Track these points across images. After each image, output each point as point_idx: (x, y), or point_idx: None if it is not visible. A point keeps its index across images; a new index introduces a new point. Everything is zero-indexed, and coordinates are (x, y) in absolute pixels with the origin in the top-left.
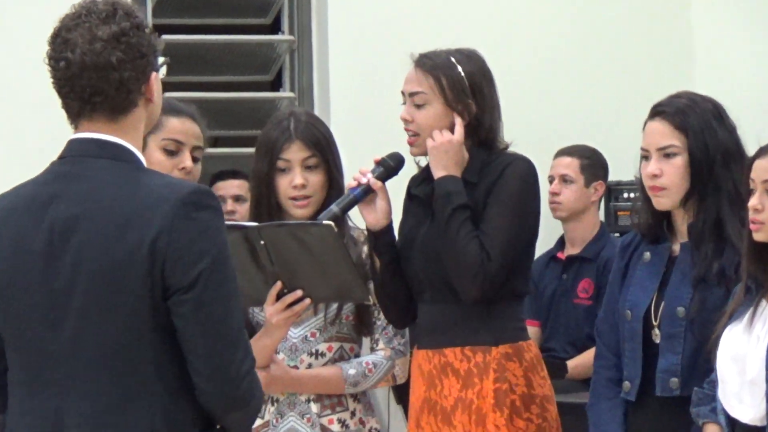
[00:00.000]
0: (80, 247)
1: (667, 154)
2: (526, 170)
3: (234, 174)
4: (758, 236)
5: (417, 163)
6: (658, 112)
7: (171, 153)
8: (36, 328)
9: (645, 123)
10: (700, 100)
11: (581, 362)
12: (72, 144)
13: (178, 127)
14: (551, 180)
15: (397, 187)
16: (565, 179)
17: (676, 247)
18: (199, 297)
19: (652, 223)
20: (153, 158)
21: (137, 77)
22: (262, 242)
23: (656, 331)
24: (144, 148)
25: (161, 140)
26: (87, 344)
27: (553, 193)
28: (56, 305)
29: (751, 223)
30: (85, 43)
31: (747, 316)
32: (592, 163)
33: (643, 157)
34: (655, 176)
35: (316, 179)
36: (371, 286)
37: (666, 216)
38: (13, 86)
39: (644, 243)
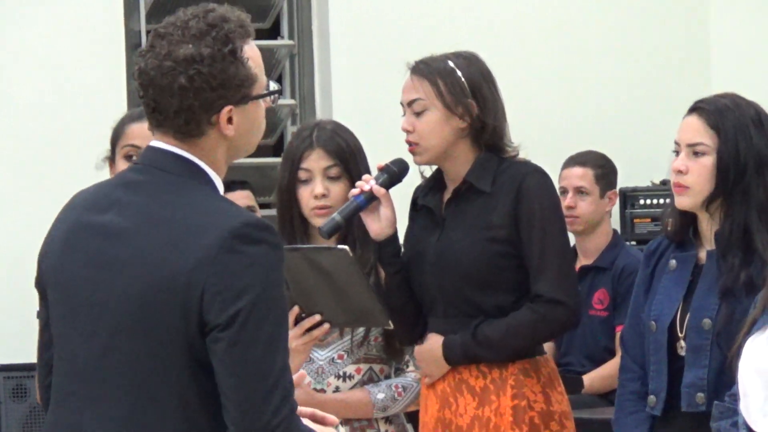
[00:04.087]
0: (122, 262)
1: (696, 151)
2: (547, 186)
3: (243, 184)
4: None
5: (422, 173)
6: (696, 107)
7: (132, 160)
8: (71, 336)
9: (683, 117)
10: (744, 104)
11: (598, 376)
12: (147, 151)
13: (137, 132)
14: (563, 191)
15: (403, 197)
16: (580, 191)
17: (703, 255)
18: (235, 337)
19: (678, 227)
20: (118, 169)
21: (202, 107)
22: None
23: (681, 343)
24: (114, 161)
25: (122, 148)
26: (114, 364)
27: (569, 207)
28: (91, 317)
29: None
30: (159, 58)
31: None
32: (605, 172)
33: (675, 152)
34: (680, 172)
35: (337, 189)
36: None
37: (693, 221)
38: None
39: (670, 250)
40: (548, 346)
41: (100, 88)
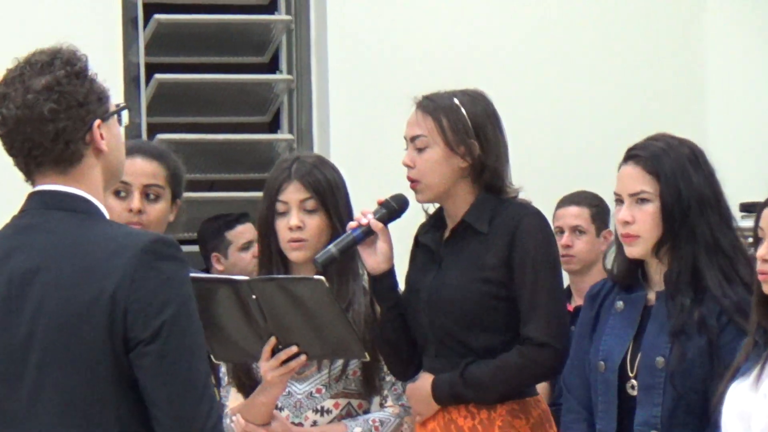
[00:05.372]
0: (39, 299)
1: (639, 199)
2: (543, 228)
3: (245, 217)
4: None
5: (425, 211)
6: (631, 155)
7: (121, 196)
8: None
9: (619, 166)
10: (677, 144)
11: None
12: (31, 198)
13: (126, 168)
14: (559, 231)
15: (405, 234)
16: (576, 230)
17: (652, 296)
18: (162, 349)
19: (626, 271)
20: (107, 204)
21: (75, 126)
22: (253, 296)
23: (632, 382)
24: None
25: None
26: (46, 400)
27: (566, 246)
28: (14, 360)
29: (760, 274)
30: (19, 97)
31: (755, 372)
32: (600, 211)
33: (617, 201)
34: (626, 223)
35: (313, 222)
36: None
37: (640, 264)
38: None
39: (614, 292)
40: (543, 386)
41: None
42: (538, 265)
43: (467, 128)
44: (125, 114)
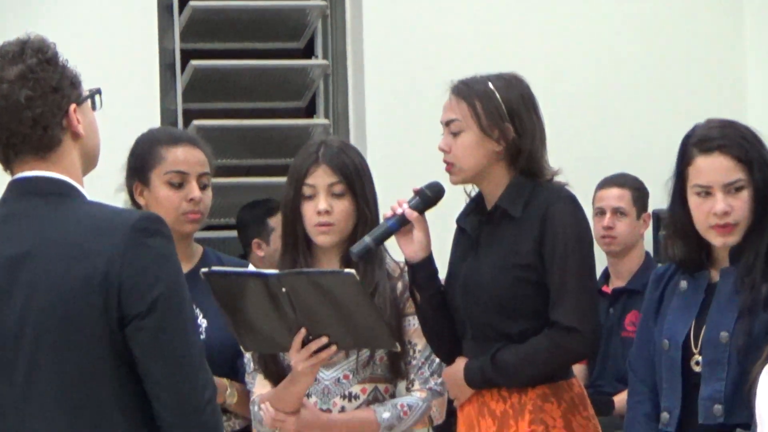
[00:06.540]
0: (29, 284)
1: (735, 188)
2: (574, 212)
3: None
4: None
5: (468, 194)
6: (714, 146)
7: (177, 186)
8: None
9: (693, 157)
10: (741, 126)
11: None
12: (11, 186)
13: (180, 156)
14: (600, 212)
15: (442, 220)
16: (619, 212)
17: (715, 274)
18: (158, 323)
19: (693, 254)
20: (159, 194)
21: (52, 112)
22: (283, 290)
23: (696, 358)
24: (148, 186)
25: (164, 174)
26: (41, 383)
27: (608, 227)
28: (6, 347)
29: None
30: None
31: None
32: (641, 195)
33: (702, 193)
34: (726, 213)
35: (341, 207)
36: (414, 324)
37: (705, 245)
38: None
39: (679, 273)
40: (579, 370)
41: (135, 106)
42: (568, 249)
43: (501, 112)
44: (98, 99)
